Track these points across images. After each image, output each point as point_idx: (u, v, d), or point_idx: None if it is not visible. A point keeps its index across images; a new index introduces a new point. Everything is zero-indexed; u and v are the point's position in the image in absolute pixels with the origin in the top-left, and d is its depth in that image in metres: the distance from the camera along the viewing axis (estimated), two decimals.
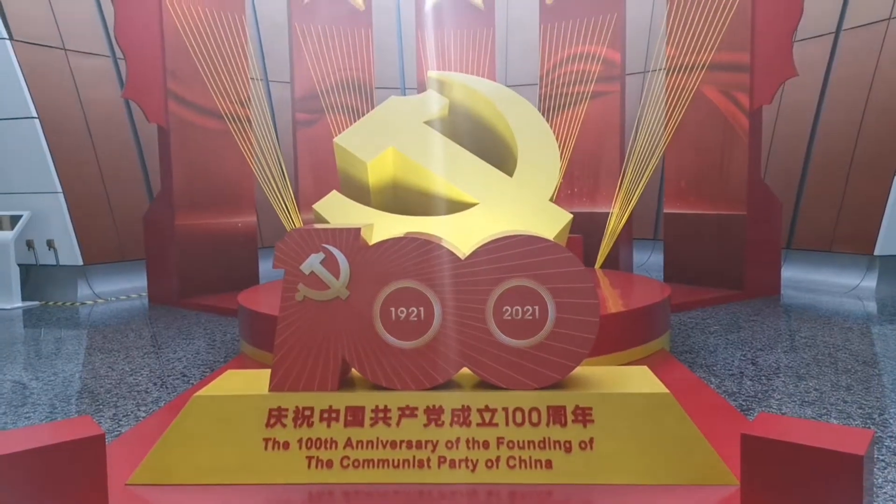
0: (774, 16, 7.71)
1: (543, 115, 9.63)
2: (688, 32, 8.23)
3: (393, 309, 3.07)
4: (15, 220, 8.73)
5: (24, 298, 8.77)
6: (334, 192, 4.46)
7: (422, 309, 3.06)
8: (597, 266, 8.40)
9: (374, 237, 3.46)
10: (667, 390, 2.98)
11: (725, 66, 8.05)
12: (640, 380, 3.15)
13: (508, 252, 3.05)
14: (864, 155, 8.75)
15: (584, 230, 8.34)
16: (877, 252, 8.33)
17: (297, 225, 8.48)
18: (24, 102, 8.62)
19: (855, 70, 8.91)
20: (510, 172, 4.52)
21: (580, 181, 9.63)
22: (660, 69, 8.71)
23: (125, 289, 9.29)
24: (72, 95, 9.17)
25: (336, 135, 9.02)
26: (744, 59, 7.91)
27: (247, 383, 3.23)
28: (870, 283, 8.35)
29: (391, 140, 4.53)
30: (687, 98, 8.24)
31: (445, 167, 4.51)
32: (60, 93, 9.04)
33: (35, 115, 8.67)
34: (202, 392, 3.10)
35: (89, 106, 9.33)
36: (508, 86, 12.05)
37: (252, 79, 8.82)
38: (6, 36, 8.51)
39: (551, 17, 9.69)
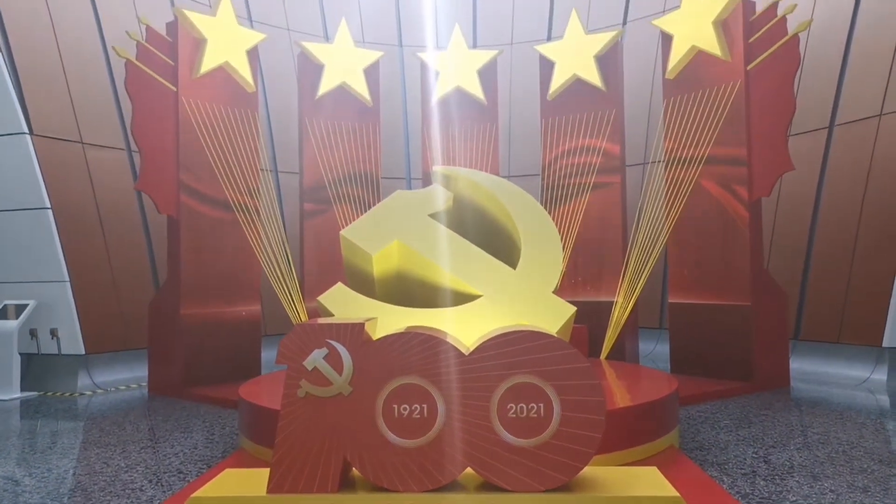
0: (768, 112, 7.97)
1: (546, 205, 9.81)
2: (685, 127, 8.49)
3: (396, 405, 3.02)
4: (20, 308, 8.76)
5: (23, 388, 8.67)
6: (339, 284, 4.49)
7: (425, 406, 3.01)
8: (602, 356, 8.31)
9: (378, 330, 3.46)
10: (677, 494, 2.88)
11: (723, 160, 8.25)
12: (650, 482, 3.06)
13: (512, 348, 3.03)
14: (865, 246, 8.81)
15: (589, 319, 8.31)
16: (885, 344, 8.24)
17: (301, 314, 8.48)
18: (39, 194, 8.84)
19: (850, 163, 9.12)
20: (514, 265, 4.56)
21: (584, 270, 9.68)
22: (659, 161, 8.93)
23: (126, 378, 9.19)
24: (86, 186, 9.41)
25: (342, 225, 9.19)
26: (741, 154, 8.12)
27: (244, 483, 3.15)
28: (880, 375, 8.21)
29: (396, 233, 4.61)
30: (686, 190, 8.40)
31: (449, 259, 4.56)
32: (75, 184, 9.28)
33: (48, 205, 8.87)
34: (198, 493, 3.02)
35: (102, 196, 9.55)
36: (511, 176, 12.37)
37: (262, 169, 9.05)
38: (27, 131, 8.83)
39: (552, 112, 10.03)
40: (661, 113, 8.80)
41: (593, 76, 9.63)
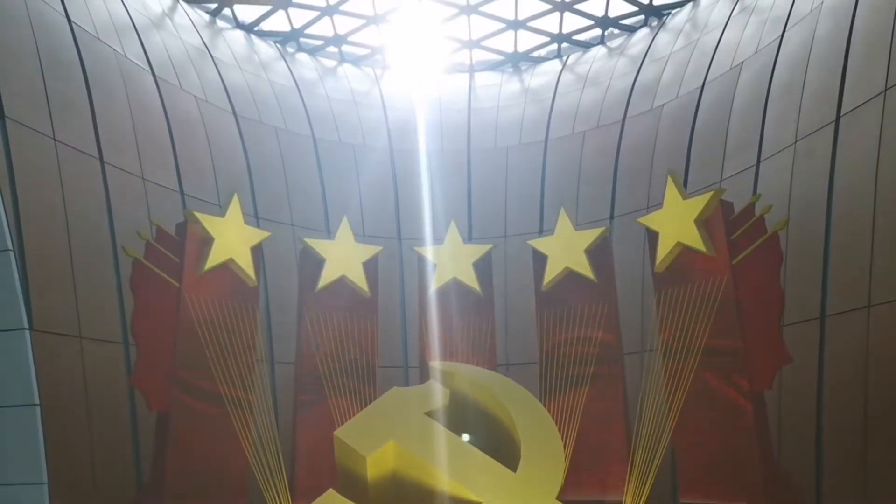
0: (758, 305, 8.13)
1: (544, 395, 9.62)
2: (678, 320, 8.61)
3: None
4: None
5: None
6: (331, 490, 4.28)
7: None
8: None
9: None
10: None
11: (720, 352, 8.26)
12: None
13: None
14: (876, 432, 8.53)
15: None
16: None
17: None
18: (29, 390, 8.68)
19: (847, 352, 9.11)
20: (514, 463, 4.38)
21: (588, 467, 9.24)
22: (655, 349, 8.93)
23: None
24: (78, 381, 9.27)
25: (337, 418, 8.95)
26: (737, 345, 8.15)
27: None
28: None
29: (392, 434, 4.49)
30: (686, 382, 8.31)
31: (447, 462, 4.39)
32: (68, 379, 9.15)
33: (37, 402, 8.67)
34: None
35: (93, 391, 9.38)
36: (508, 365, 12.29)
37: (258, 361, 9.00)
38: (27, 326, 8.90)
39: (546, 303, 10.21)
40: (654, 305, 8.97)
41: (585, 269, 9.96)
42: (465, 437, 4.92)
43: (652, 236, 9.26)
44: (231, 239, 9.23)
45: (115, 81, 10.83)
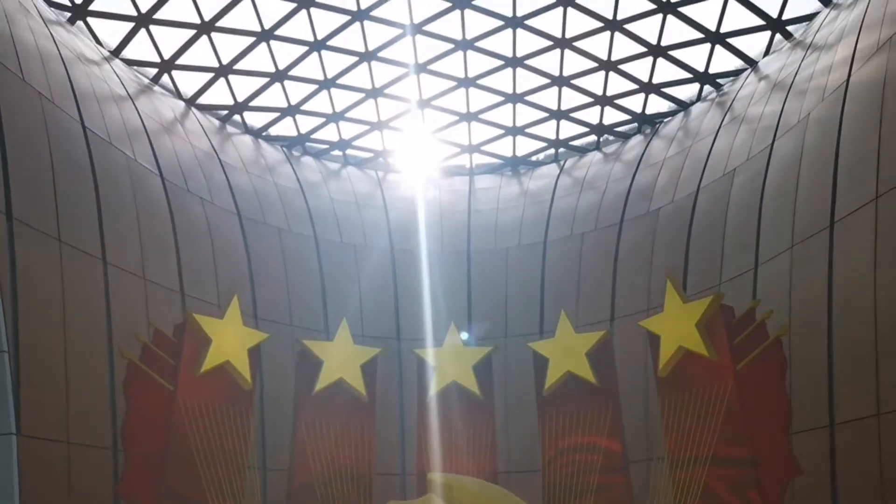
0: (764, 414, 7.94)
1: None
2: (684, 427, 8.38)
3: None
4: None
5: None
6: None
7: None
8: None
9: None
10: None
11: (729, 461, 8.00)
12: None
13: None
14: None
15: None
16: None
17: None
18: (10, 497, 8.34)
19: (855, 465, 8.81)
20: None
21: None
22: (662, 458, 8.65)
23: None
24: (62, 488, 8.92)
25: None
26: (745, 454, 7.89)
27: None
28: None
29: None
30: (696, 495, 7.98)
31: None
32: (52, 485, 8.81)
33: None
34: None
35: (77, 499, 9.00)
36: (511, 472, 11.85)
37: (249, 468, 8.70)
38: (14, 431, 8.66)
39: (548, 408, 9.99)
40: (659, 410, 8.76)
41: (586, 372, 9.81)
42: None
43: (654, 340, 9.19)
44: (229, 341, 9.16)
45: (124, 184, 11.09)
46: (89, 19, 12.26)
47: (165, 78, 13.53)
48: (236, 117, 14.81)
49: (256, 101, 14.49)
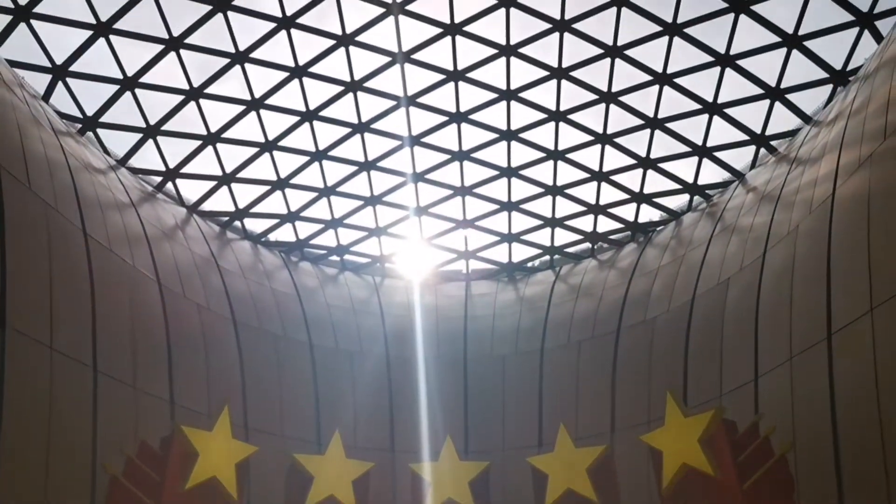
0: None
1: None
2: None
3: None
4: None
5: None
6: None
7: None
8: None
9: None
10: None
11: None
12: None
13: None
14: None
15: None
16: None
17: None
18: None
19: None
20: None
21: None
22: None
23: None
24: None
25: None
26: None
27: None
28: None
29: None
30: None
31: None
32: None
33: None
34: None
35: None
36: None
37: None
38: None
39: None
40: None
41: (588, 490, 9.46)
42: None
43: (656, 456, 8.93)
44: (217, 455, 8.88)
45: (121, 291, 11.09)
46: (99, 130, 12.70)
47: (169, 185, 13.85)
48: (236, 223, 15.05)
49: (257, 208, 14.80)
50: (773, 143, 13.00)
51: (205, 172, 14.00)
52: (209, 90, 12.80)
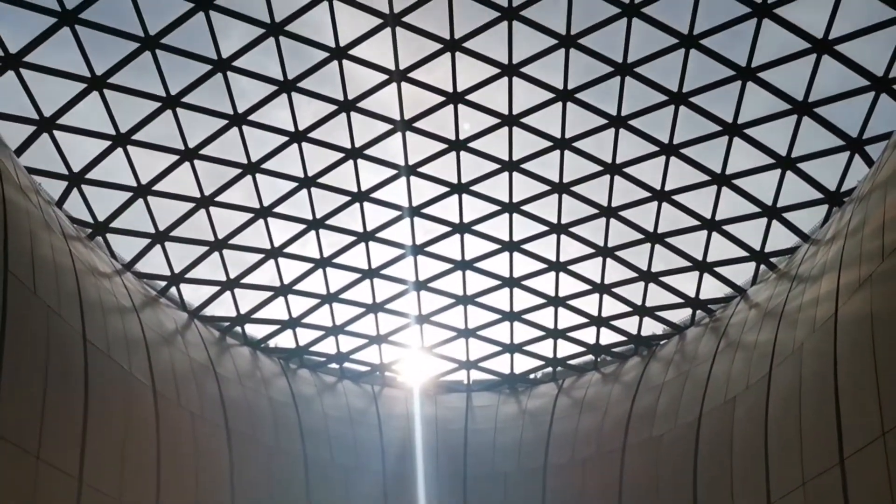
0: None
1: None
2: None
3: None
4: None
5: None
6: None
7: None
8: None
9: None
10: None
11: None
12: None
13: None
14: None
15: None
16: None
17: None
18: None
19: None
20: None
21: None
22: None
23: None
24: None
25: None
26: None
27: None
28: None
29: None
30: None
31: None
32: None
33: None
34: None
35: None
36: None
37: None
38: None
39: None
40: None
41: None
42: None
43: None
44: None
45: (115, 398, 10.88)
46: (108, 234, 12.88)
47: (173, 290, 13.90)
48: (237, 329, 14.98)
49: (259, 314, 14.78)
50: (772, 259, 13.13)
51: (209, 277, 14.10)
52: (219, 198, 13.12)
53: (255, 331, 15.31)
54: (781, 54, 11.34)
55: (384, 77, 12.49)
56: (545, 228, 14.04)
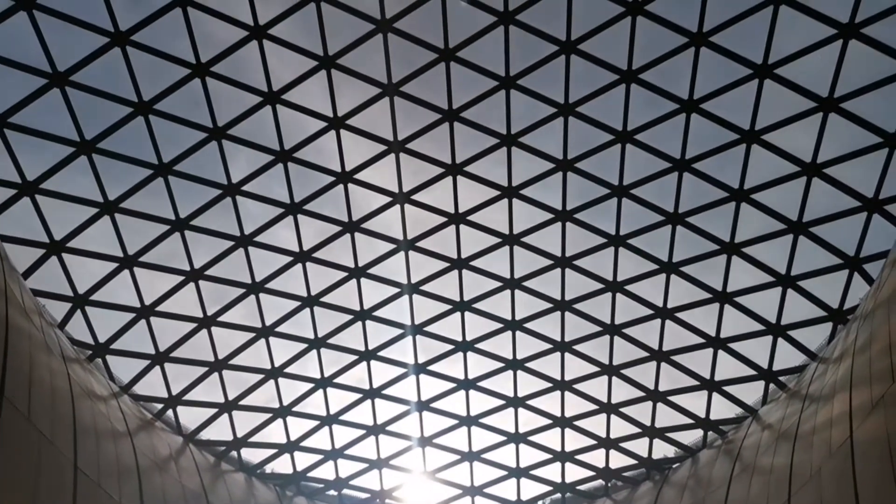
0: None
1: None
2: None
3: None
4: None
5: None
6: None
7: None
8: None
9: None
10: None
11: None
12: None
13: None
14: None
15: None
16: None
17: None
18: None
19: None
20: None
21: None
22: None
23: None
24: None
25: None
26: None
27: None
28: None
29: None
30: None
31: None
32: None
33: None
34: None
35: None
36: None
37: None
38: None
39: None
40: None
41: None
42: None
43: None
44: None
45: None
46: (108, 356, 12.74)
47: (169, 413, 13.55)
48: (233, 453, 14.46)
49: (256, 437, 14.33)
50: (781, 378, 12.86)
51: (207, 398, 13.79)
52: (222, 318, 13.10)
53: (251, 455, 14.79)
54: (773, 176, 11.72)
55: (388, 199, 12.84)
56: (549, 346, 13.89)
